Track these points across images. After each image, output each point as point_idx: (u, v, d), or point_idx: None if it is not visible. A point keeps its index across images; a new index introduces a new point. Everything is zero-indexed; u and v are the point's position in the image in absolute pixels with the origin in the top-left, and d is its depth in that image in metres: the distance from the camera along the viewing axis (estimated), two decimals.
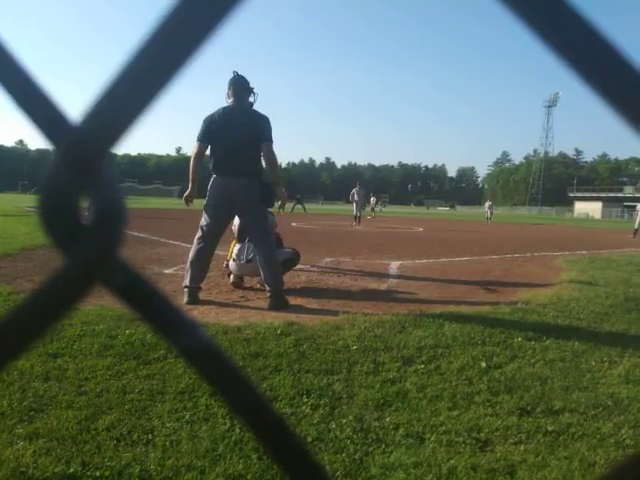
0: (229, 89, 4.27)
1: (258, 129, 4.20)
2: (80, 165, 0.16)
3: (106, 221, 0.17)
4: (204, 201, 4.35)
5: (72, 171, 0.16)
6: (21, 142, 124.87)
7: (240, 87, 4.30)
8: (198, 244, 4.30)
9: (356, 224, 17.90)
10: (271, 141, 4.24)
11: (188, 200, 4.53)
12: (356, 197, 19.09)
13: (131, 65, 0.16)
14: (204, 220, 4.33)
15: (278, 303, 4.15)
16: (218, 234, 4.38)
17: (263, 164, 4.44)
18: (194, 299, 4.19)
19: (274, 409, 0.21)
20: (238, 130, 4.15)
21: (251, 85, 4.39)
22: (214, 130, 4.21)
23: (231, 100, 4.28)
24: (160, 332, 0.20)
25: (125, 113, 0.16)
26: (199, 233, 4.33)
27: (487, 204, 30.11)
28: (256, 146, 4.19)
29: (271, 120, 4.27)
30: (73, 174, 0.16)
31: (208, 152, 4.33)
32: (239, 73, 4.32)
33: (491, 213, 29.11)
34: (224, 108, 4.26)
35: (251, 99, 4.40)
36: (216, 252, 4.52)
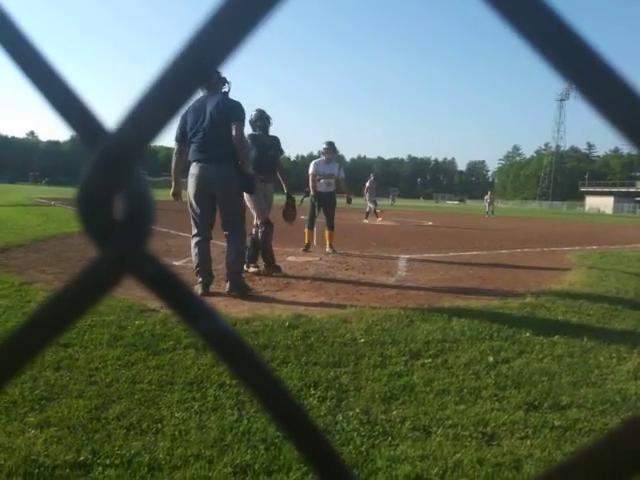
0: None
1: (228, 112, 4.21)
2: (115, 167, 0.18)
3: (136, 217, 0.18)
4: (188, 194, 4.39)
5: (107, 172, 0.18)
6: (32, 133, 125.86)
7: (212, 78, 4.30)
8: (196, 243, 4.34)
9: (370, 219, 16.84)
10: (241, 120, 4.26)
11: (176, 196, 4.63)
12: (368, 188, 17.79)
13: (164, 75, 0.17)
14: (192, 211, 4.35)
15: (239, 289, 4.25)
16: (210, 221, 4.40)
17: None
18: (207, 290, 4.28)
19: (292, 394, 0.21)
20: (210, 116, 4.18)
21: (222, 75, 4.41)
22: (189, 123, 4.25)
23: (204, 92, 4.32)
24: (183, 319, 0.21)
25: (156, 119, 0.17)
26: (193, 229, 4.36)
27: (486, 197, 27.12)
28: (229, 130, 4.18)
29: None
30: (108, 175, 0.17)
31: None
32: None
33: (490, 204, 25.93)
34: (196, 100, 4.28)
35: (225, 89, 4.40)
36: (217, 243, 4.52)
